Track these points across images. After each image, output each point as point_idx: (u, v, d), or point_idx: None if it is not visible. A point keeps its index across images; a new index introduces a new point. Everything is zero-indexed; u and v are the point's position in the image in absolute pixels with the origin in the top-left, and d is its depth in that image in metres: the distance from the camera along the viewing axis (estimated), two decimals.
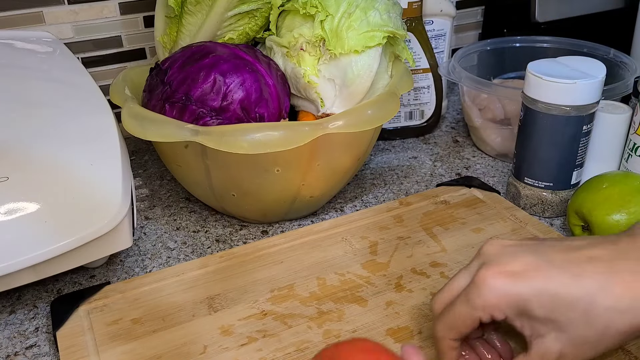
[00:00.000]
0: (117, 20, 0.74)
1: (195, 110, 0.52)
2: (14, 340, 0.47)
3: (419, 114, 0.77)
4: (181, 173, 0.58)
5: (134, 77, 0.61)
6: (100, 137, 0.51)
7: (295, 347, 0.44)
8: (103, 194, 0.47)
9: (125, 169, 0.49)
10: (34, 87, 0.54)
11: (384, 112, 0.53)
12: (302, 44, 0.56)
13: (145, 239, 0.59)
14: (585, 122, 0.55)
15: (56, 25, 0.70)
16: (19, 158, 0.47)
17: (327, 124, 0.50)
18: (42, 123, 0.50)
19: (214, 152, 0.50)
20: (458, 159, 0.73)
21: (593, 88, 0.54)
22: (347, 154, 0.56)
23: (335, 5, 0.55)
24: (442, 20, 0.76)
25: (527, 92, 0.57)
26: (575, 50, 0.76)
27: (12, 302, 0.51)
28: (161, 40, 0.63)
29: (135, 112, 0.52)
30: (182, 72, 0.54)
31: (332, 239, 0.55)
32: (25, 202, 0.44)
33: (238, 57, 0.55)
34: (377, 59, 0.57)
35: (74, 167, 0.47)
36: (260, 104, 0.54)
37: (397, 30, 0.57)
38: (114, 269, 0.55)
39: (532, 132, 0.57)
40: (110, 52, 0.75)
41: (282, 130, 0.49)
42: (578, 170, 0.59)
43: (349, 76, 0.56)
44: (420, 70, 0.74)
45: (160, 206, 0.65)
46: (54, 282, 0.53)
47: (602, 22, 0.90)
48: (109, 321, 0.46)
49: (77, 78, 0.58)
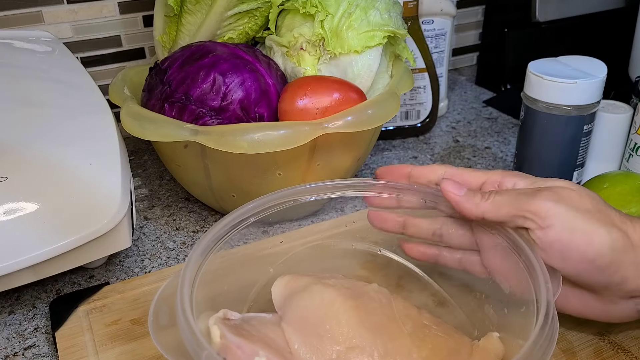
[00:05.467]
0: (117, 19, 0.73)
1: (194, 110, 0.52)
2: (13, 340, 0.47)
3: (415, 114, 0.77)
4: (181, 173, 0.58)
5: (133, 77, 0.61)
6: (99, 136, 0.50)
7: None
8: (102, 194, 0.46)
9: (125, 169, 0.49)
10: (33, 86, 0.54)
11: (384, 112, 0.53)
12: (302, 44, 0.56)
13: (144, 239, 0.59)
14: (586, 121, 0.55)
15: (55, 24, 0.70)
16: (18, 158, 0.46)
17: (327, 123, 0.50)
18: (41, 123, 0.50)
19: (213, 152, 0.50)
20: (458, 159, 0.73)
21: (594, 88, 0.54)
22: (347, 154, 0.56)
23: (335, 5, 0.55)
24: (442, 20, 0.76)
25: (527, 91, 0.56)
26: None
27: (11, 302, 0.51)
28: (160, 40, 0.63)
29: (135, 111, 0.52)
30: (181, 71, 0.53)
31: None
32: (24, 202, 0.44)
33: (238, 56, 0.55)
34: (377, 58, 0.57)
35: (72, 167, 0.47)
36: (260, 104, 0.54)
37: (397, 29, 0.57)
38: (113, 269, 0.55)
39: (532, 132, 0.57)
40: (109, 51, 0.75)
41: (281, 130, 0.49)
42: (579, 170, 0.58)
43: (349, 76, 0.56)
44: (416, 70, 0.74)
45: (159, 206, 0.65)
46: (53, 282, 0.53)
47: (602, 21, 0.90)
48: (108, 321, 0.46)
49: (76, 78, 0.57)
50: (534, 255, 0.36)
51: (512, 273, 0.38)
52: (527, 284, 0.36)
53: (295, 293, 0.41)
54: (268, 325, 0.38)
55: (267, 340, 0.36)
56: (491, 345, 0.37)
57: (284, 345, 0.37)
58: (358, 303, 0.40)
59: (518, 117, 0.60)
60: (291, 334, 0.38)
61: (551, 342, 0.31)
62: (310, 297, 0.40)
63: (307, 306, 0.39)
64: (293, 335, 0.37)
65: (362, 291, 0.42)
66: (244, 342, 0.34)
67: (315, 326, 0.38)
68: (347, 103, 0.53)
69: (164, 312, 0.36)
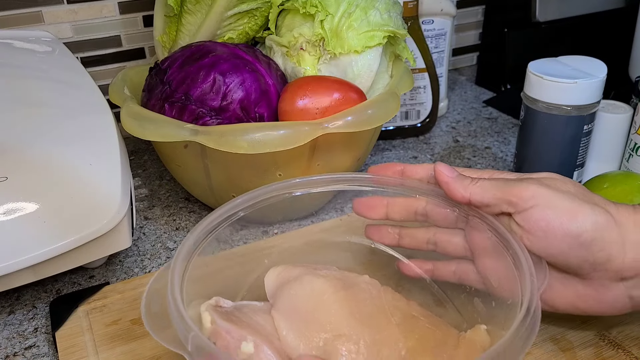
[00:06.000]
0: (117, 19, 0.73)
1: (194, 110, 0.52)
2: (13, 340, 0.47)
3: (415, 114, 0.77)
4: (181, 173, 0.58)
5: (133, 77, 0.61)
6: (99, 136, 0.50)
7: None
8: (102, 194, 0.46)
9: (125, 169, 0.49)
10: (33, 86, 0.54)
11: (384, 112, 0.53)
12: (302, 44, 0.56)
13: (144, 239, 0.59)
14: (586, 121, 0.55)
15: (55, 24, 0.70)
16: (18, 158, 0.46)
17: (327, 123, 0.50)
18: (41, 123, 0.50)
19: (213, 152, 0.50)
20: (458, 158, 0.73)
21: (594, 88, 0.54)
22: (347, 154, 0.56)
23: (335, 5, 0.55)
24: (442, 20, 0.76)
25: (527, 91, 0.56)
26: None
27: (11, 302, 0.51)
28: (160, 40, 0.63)
29: (135, 111, 0.52)
30: (181, 71, 0.53)
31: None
32: (24, 202, 0.44)
33: (238, 56, 0.55)
34: (377, 58, 0.57)
35: (72, 167, 0.47)
36: (260, 104, 0.54)
37: (397, 29, 0.57)
38: (113, 269, 0.55)
39: (532, 132, 0.57)
40: (109, 51, 0.75)
41: (281, 130, 0.49)
42: (579, 170, 0.58)
43: (349, 76, 0.56)
44: (416, 70, 0.74)
45: (159, 206, 0.65)
46: (53, 282, 0.53)
47: (602, 21, 0.90)
48: (108, 321, 0.46)
49: (76, 78, 0.57)
50: (520, 250, 0.36)
51: (501, 269, 0.38)
52: (514, 278, 0.36)
53: (287, 282, 0.42)
54: (259, 313, 0.39)
55: (257, 326, 0.37)
56: (477, 336, 0.38)
57: (272, 332, 0.38)
58: (348, 294, 0.41)
59: (518, 117, 0.60)
60: (280, 321, 0.39)
61: (532, 332, 0.32)
62: (301, 286, 0.41)
63: (298, 295, 0.40)
64: (282, 322, 0.38)
65: (353, 282, 0.43)
66: (233, 327, 0.35)
67: (304, 314, 0.39)
68: (347, 103, 0.53)
69: (156, 299, 0.36)
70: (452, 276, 0.43)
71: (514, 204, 0.37)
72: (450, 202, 0.42)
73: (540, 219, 0.36)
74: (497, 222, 0.39)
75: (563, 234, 0.36)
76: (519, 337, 0.31)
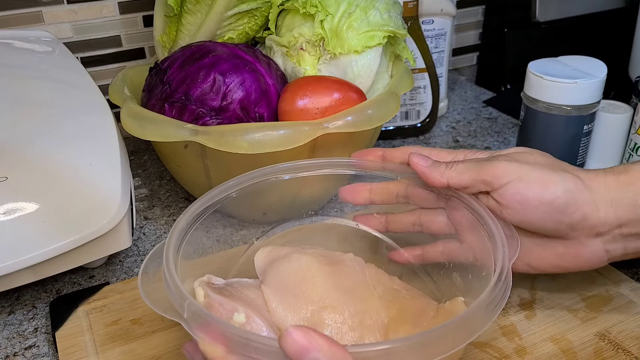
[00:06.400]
0: (116, 19, 0.73)
1: (194, 110, 0.52)
2: (13, 340, 0.47)
3: (415, 114, 0.77)
4: (181, 173, 0.58)
5: (133, 77, 0.61)
6: (99, 136, 0.50)
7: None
8: (102, 194, 0.46)
9: (125, 169, 0.49)
10: (33, 86, 0.54)
11: (384, 112, 0.53)
12: (302, 44, 0.56)
13: (144, 239, 0.59)
14: (586, 121, 0.55)
15: (55, 24, 0.70)
16: (18, 158, 0.46)
17: (327, 123, 0.50)
18: (41, 123, 0.50)
19: (213, 152, 0.50)
20: None
21: (594, 88, 0.54)
22: (347, 154, 0.56)
23: (335, 5, 0.55)
24: (442, 20, 0.76)
25: (527, 91, 0.56)
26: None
27: (11, 302, 0.51)
28: (160, 40, 0.63)
29: (135, 111, 0.52)
30: (181, 71, 0.53)
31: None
32: (24, 202, 0.44)
33: (238, 56, 0.55)
34: (377, 58, 0.57)
35: (73, 167, 0.47)
36: (260, 104, 0.54)
37: (397, 29, 0.57)
38: (113, 269, 0.55)
39: (532, 132, 0.57)
40: (109, 51, 0.75)
41: (281, 130, 0.49)
42: None
43: (349, 76, 0.56)
44: (416, 70, 0.74)
45: (159, 206, 0.65)
46: (53, 282, 0.53)
47: (602, 21, 0.90)
48: (108, 322, 0.46)
49: (76, 78, 0.57)
50: (493, 224, 0.39)
51: (477, 243, 0.40)
52: (487, 250, 0.38)
53: (275, 260, 0.44)
54: (249, 288, 0.42)
55: (247, 299, 0.40)
56: (455, 307, 0.40)
57: (262, 305, 0.40)
58: (333, 269, 0.43)
59: (518, 117, 0.60)
60: (270, 294, 0.41)
61: (503, 297, 0.34)
62: (289, 263, 0.43)
63: (286, 270, 0.43)
64: (271, 296, 0.41)
65: (338, 259, 0.45)
66: (225, 299, 0.37)
67: (292, 288, 0.42)
68: (347, 103, 0.53)
69: (152, 270, 0.38)
70: (441, 256, 0.45)
71: (489, 182, 0.40)
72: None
73: (515, 193, 0.39)
74: (472, 199, 0.41)
75: (538, 203, 0.39)
76: (490, 300, 0.33)
